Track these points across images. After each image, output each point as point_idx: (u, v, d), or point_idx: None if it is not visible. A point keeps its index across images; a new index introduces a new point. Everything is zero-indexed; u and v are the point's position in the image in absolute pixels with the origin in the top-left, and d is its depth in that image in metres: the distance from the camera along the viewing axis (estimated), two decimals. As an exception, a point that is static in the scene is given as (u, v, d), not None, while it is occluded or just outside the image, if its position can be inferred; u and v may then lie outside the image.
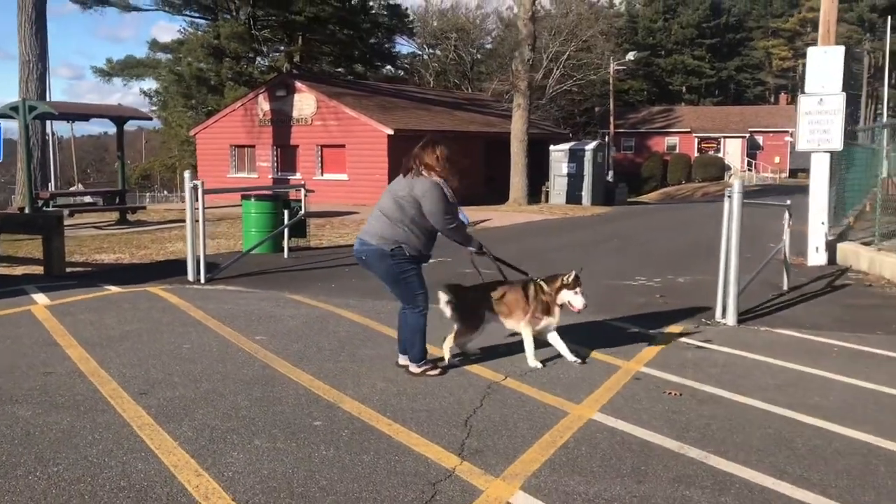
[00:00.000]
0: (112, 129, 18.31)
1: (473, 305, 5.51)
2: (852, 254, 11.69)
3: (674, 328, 7.20)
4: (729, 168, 54.85)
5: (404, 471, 3.79)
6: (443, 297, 5.46)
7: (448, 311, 5.47)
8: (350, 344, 6.36)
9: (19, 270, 10.61)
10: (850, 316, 7.97)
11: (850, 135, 12.77)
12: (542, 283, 5.56)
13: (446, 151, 5.24)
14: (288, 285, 9.29)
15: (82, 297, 8.30)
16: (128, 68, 40.68)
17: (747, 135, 55.56)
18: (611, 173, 41.43)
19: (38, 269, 10.39)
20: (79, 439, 4.15)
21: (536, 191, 29.01)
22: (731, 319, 7.47)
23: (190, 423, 4.41)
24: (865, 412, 4.78)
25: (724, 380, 5.43)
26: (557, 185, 28.98)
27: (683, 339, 6.73)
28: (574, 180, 28.65)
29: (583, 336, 6.39)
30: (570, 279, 5.50)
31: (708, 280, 9.07)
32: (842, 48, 11.75)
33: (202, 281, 9.46)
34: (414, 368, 5.39)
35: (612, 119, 47.99)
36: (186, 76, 38.75)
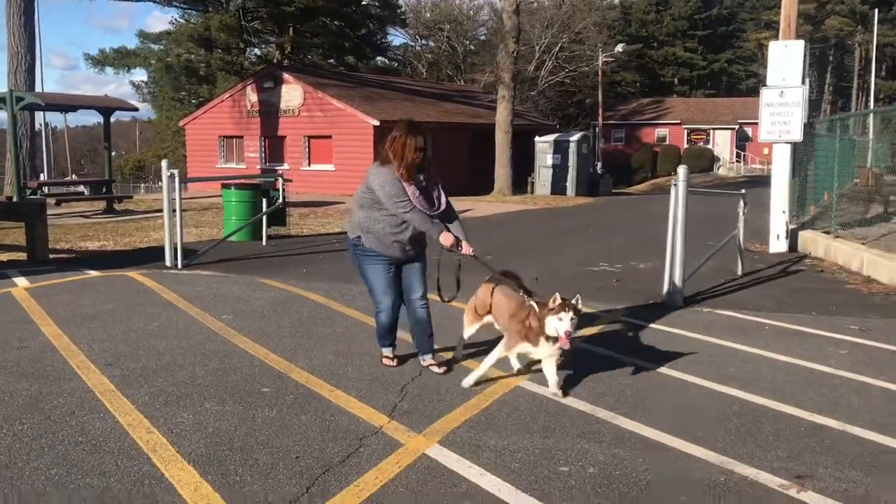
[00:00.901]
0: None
1: (479, 294, 5.27)
2: (811, 241, 12.11)
3: (621, 308, 7.61)
4: (718, 159, 55.25)
5: (336, 428, 4.20)
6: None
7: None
8: (310, 322, 6.76)
9: (4, 257, 10.97)
10: (793, 299, 8.38)
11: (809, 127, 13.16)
12: (535, 305, 4.75)
13: (399, 136, 4.91)
14: (261, 271, 9.67)
15: (62, 281, 8.68)
16: (120, 58, 40.89)
17: (737, 126, 55.95)
18: (599, 164, 41.90)
19: (23, 256, 10.76)
20: (44, 403, 4.55)
21: (523, 182, 29.38)
22: (676, 301, 7.88)
23: (148, 390, 4.81)
24: (773, 381, 5.19)
25: (651, 354, 5.83)
26: (542, 176, 29.32)
27: (625, 318, 7.14)
28: (559, 171, 29.00)
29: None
30: (556, 304, 4.55)
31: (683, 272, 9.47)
32: (801, 42, 12.14)
33: (179, 266, 9.83)
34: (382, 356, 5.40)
35: (600, 110, 48.34)
36: (176, 67, 39.00)
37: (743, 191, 10.37)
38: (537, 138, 29.45)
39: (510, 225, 17.14)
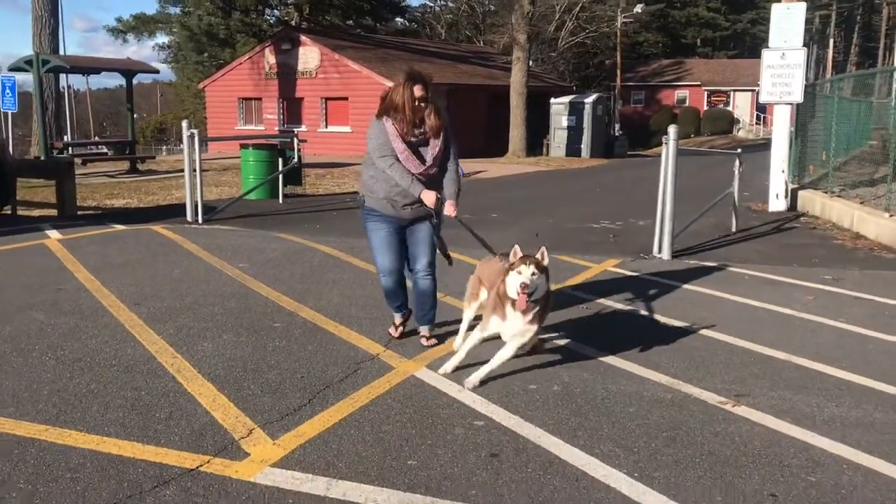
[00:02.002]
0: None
1: (475, 280, 4.85)
2: (809, 201, 12.47)
3: (611, 261, 8.10)
4: (738, 122, 54.91)
5: (338, 355, 4.76)
6: None
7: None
8: (320, 270, 7.32)
9: (36, 213, 11.61)
10: (779, 252, 8.82)
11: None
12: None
13: (397, 86, 4.62)
14: (277, 226, 10.24)
15: (91, 233, 9.30)
16: (140, 25, 41.30)
17: (757, 88, 55.37)
18: (617, 126, 41.92)
19: (53, 212, 11.39)
20: (81, 334, 5.15)
21: (538, 143, 29.67)
22: (665, 254, 8.36)
23: (173, 324, 5.40)
24: (737, 321, 5.69)
25: (630, 299, 6.34)
26: (557, 137, 29.59)
27: (614, 269, 7.64)
28: (574, 133, 29.25)
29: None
30: (517, 258, 4.04)
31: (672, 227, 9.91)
32: (803, 4, 12.37)
33: (199, 221, 10.43)
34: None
35: (618, 72, 48.14)
36: (197, 30, 39.38)
37: (739, 150, 10.74)
38: (552, 100, 29.64)
39: (521, 185, 17.57)
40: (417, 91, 4.53)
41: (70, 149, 18.66)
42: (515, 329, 4.12)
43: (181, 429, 3.68)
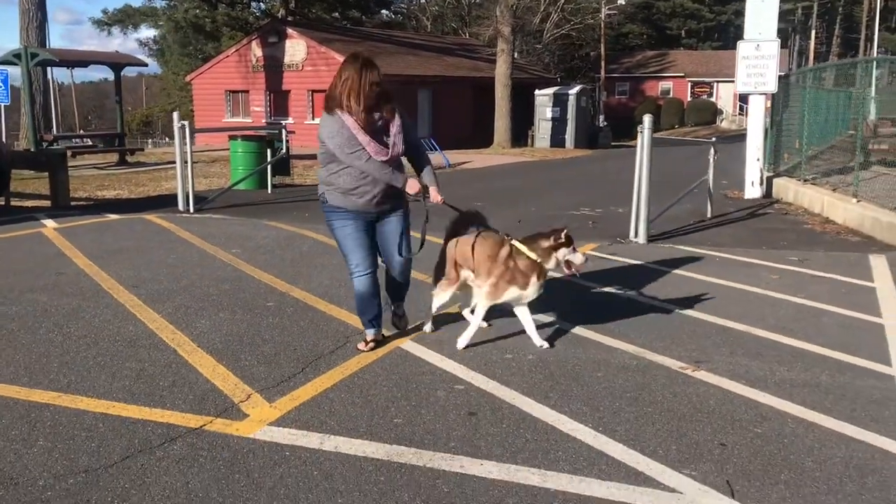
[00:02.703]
0: (111, 76, 19.28)
1: (444, 257, 4.85)
2: (783, 188, 12.87)
3: (590, 245, 8.44)
4: (721, 112, 55.40)
5: (328, 330, 5.08)
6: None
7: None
8: (309, 256, 7.63)
9: (28, 204, 11.84)
10: (751, 236, 9.20)
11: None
12: (518, 244, 4.54)
13: (349, 74, 4.34)
14: (267, 214, 10.53)
15: (85, 222, 9.56)
16: (125, 17, 41.29)
17: (740, 79, 55.81)
18: (601, 118, 42.30)
19: (46, 203, 11.62)
20: (85, 314, 5.45)
21: (523, 134, 30.02)
22: (641, 238, 8.72)
23: (171, 304, 5.70)
24: (706, 298, 6.04)
25: (605, 279, 6.68)
26: (542, 128, 29.96)
27: (592, 252, 7.97)
28: (558, 124, 29.62)
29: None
30: (565, 236, 4.50)
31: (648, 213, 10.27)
32: (776, -3, 12.73)
33: (191, 210, 10.69)
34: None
35: (602, 63, 48.55)
36: (183, 23, 39.42)
37: (714, 139, 11.09)
38: (537, 91, 30.00)
39: (505, 175, 17.89)
40: (374, 77, 4.30)
41: (59, 141, 18.80)
42: (533, 296, 4.61)
43: (184, 395, 3.99)
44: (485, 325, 4.87)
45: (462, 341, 4.66)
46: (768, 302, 5.95)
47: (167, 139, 51.78)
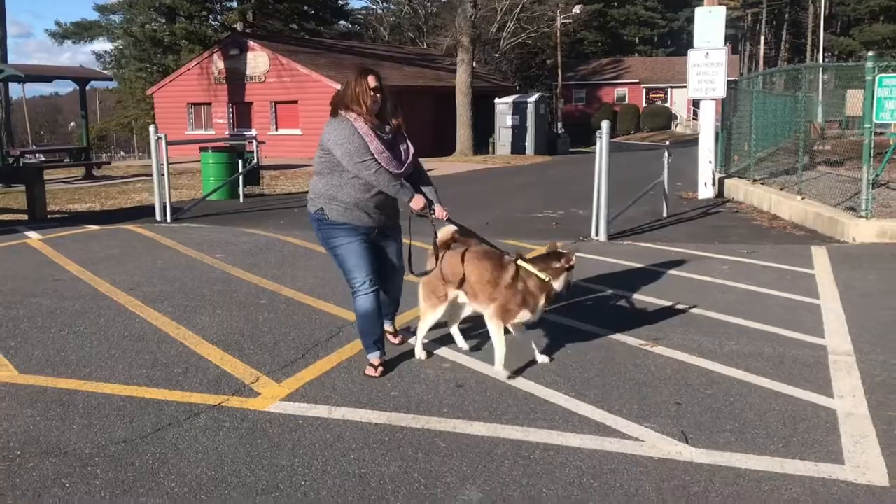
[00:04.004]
0: (64, 90, 19.46)
1: (432, 280, 4.57)
2: (734, 187, 13.60)
3: (557, 243, 8.98)
4: (676, 117, 56.72)
5: (321, 321, 5.54)
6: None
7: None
8: (291, 258, 8.05)
9: (4, 217, 12.05)
10: (703, 233, 9.84)
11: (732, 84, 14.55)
12: (527, 265, 4.38)
13: (351, 80, 4.35)
14: (243, 222, 10.91)
15: (68, 233, 9.85)
16: (81, 30, 41.08)
17: (692, 85, 57.18)
18: (559, 125, 43.21)
19: (22, 217, 11.84)
20: (90, 314, 5.82)
21: (484, 142, 30.64)
22: (602, 237, 9.30)
23: (169, 304, 6.10)
24: (660, 286, 6.61)
25: (571, 272, 7.21)
26: (503, 136, 30.60)
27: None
28: (518, 132, 30.28)
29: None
30: (574, 261, 4.45)
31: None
32: (723, 8, 13.51)
33: (168, 220, 11.03)
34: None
35: (559, 71, 49.48)
36: (140, 37, 39.38)
37: (668, 142, 11.76)
38: (497, 100, 30.64)
39: (469, 182, 18.45)
40: (372, 81, 4.27)
41: (25, 156, 18.87)
42: (537, 317, 4.50)
43: (199, 379, 4.42)
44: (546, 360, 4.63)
45: (498, 367, 4.38)
46: (719, 289, 6.54)
47: (122, 153, 51.42)
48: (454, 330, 4.90)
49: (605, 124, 9.32)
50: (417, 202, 4.38)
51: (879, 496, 3.05)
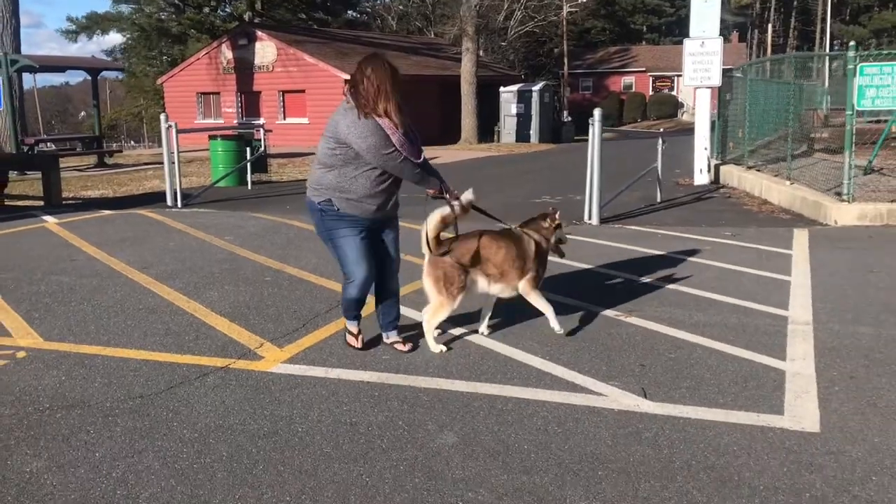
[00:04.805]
0: (74, 80, 19.90)
1: (448, 270, 4.56)
2: (728, 174, 13.93)
3: (548, 226, 9.36)
4: (682, 105, 56.75)
5: (322, 296, 5.95)
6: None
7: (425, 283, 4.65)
8: (296, 240, 8.47)
9: (21, 203, 12.51)
10: (693, 217, 10.19)
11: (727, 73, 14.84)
12: (528, 231, 4.83)
13: (377, 73, 4.21)
14: (250, 207, 11.33)
15: (83, 217, 10.30)
16: (92, 24, 41.55)
17: (699, 73, 57.19)
18: (565, 113, 43.41)
19: (38, 203, 12.31)
20: (106, 290, 6.25)
21: (489, 131, 30.98)
22: (594, 220, 9.67)
23: (180, 280, 6.52)
24: (644, 265, 6.98)
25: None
26: (507, 125, 30.93)
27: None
28: (523, 120, 30.60)
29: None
30: (558, 215, 4.91)
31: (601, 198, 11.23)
32: (718, -2, 13.77)
33: (179, 206, 11.46)
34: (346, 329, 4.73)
35: (565, 60, 49.70)
36: (148, 28, 39.82)
37: (662, 129, 12.09)
38: (502, 89, 30.94)
39: (472, 169, 18.81)
40: (399, 79, 4.26)
41: (40, 144, 19.34)
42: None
43: (208, 345, 4.84)
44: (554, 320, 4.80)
45: (555, 326, 4.74)
46: (699, 267, 6.91)
47: (133, 143, 51.98)
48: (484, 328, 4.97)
49: (597, 112, 9.68)
50: (434, 187, 4.54)
51: (808, 440, 3.44)
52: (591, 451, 3.36)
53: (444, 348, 4.66)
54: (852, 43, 9.27)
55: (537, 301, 4.77)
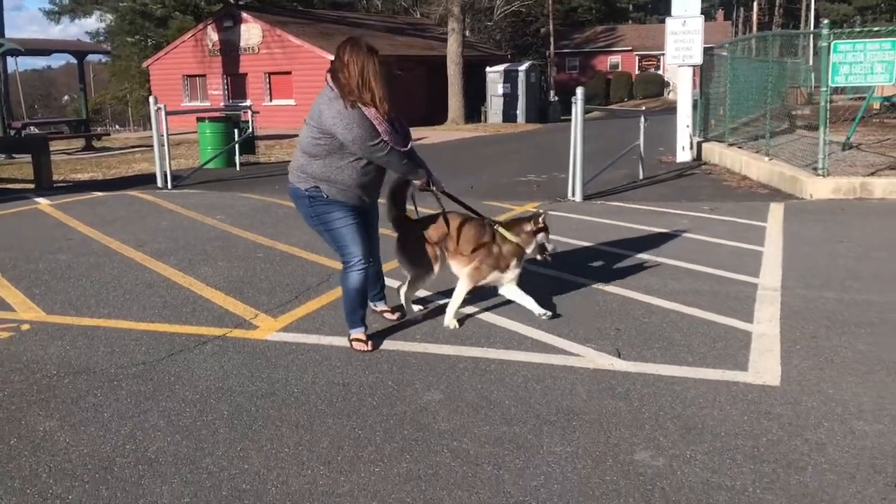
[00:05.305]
0: (56, 63, 19.90)
1: (420, 243, 4.69)
2: (710, 151, 14.19)
3: (532, 204, 9.61)
4: (668, 84, 56.89)
5: (312, 270, 6.18)
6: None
7: (398, 255, 4.78)
8: (286, 219, 8.67)
9: (10, 186, 12.62)
10: (674, 193, 10.45)
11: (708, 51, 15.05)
12: (500, 229, 4.69)
13: (360, 60, 4.09)
14: (240, 188, 11.51)
15: (75, 199, 10.45)
16: (75, 6, 41.27)
17: (684, 52, 57.38)
18: (552, 93, 43.52)
19: (28, 185, 12.42)
20: (104, 267, 6.45)
21: (476, 111, 31.12)
22: (577, 197, 9.92)
23: (174, 258, 6.73)
24: (623, 238, 7.23)
25: (543, 227, 7.84)
26: (494, 105, 31.08)
27: (535, 209, 9.14)
28: (510, 100, 30.75)
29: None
30: (543, 220, 4.74)
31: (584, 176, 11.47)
32: (698, -23, 13.97)
33: (169, 187, 11.62)
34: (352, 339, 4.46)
35: (551, 39, 49.69)
36: (127, 11, 39.59)
37: (643, 108, 12.32)
38: (488, 69, 31.06)
39: (459, 149, 19.00)
40: (379, 64, 4.13)
41: (27, 128, 19.39)
42: (511, 279, 4.76)
43: (205, 316, 5.06)
44: (544, 314, 4.79)
45: (448, 320, 4.70)
46: (676, 239, 7.18)
47: (117, 126, 51.67)
48: (407, 296, 4.94)
49: (579, 91, 9.90)
50: (422, 177, 4.44)
51: (768, 392, 3.71)
52: (567, 404, 3.62)
53: (420, 307, 4.96)
54: (826, 21, 9.51)
55: (459, 290, 4.71)
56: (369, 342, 4.42)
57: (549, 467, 3.06)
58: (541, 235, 4.73)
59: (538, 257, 4.84)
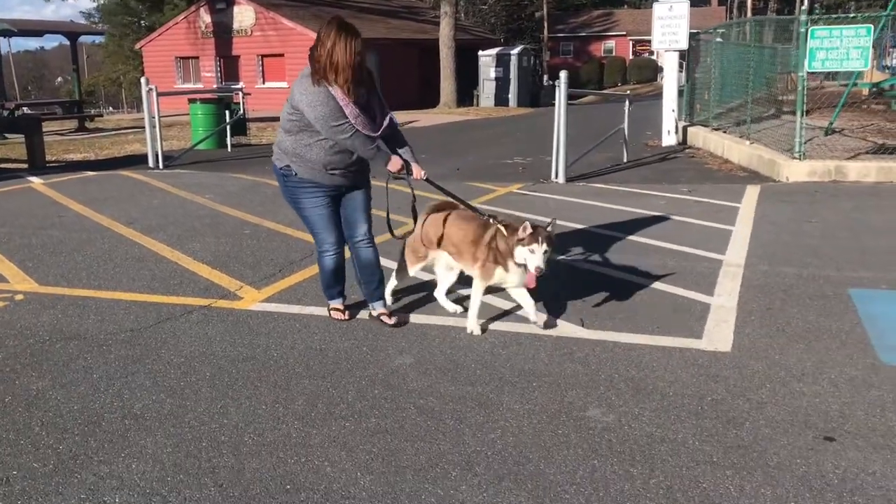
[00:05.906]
0: (49, 45, 19.97)
1: (415, 241, 4.68)
2: (694, 135, 14.40)
3: (517, 185, 9.83)
4: (661, 69, 56.93)
5: (297, 247, 6.39)
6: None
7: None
8: (273, 198, 8.86)
9: (3, 166, 12.78)
10: (655, 175, 10.67)
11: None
12: (501, 227, 4.34)
13: (332, 42, 4.03)
14: (230, 168, 11.69)
15: (67, 178, 10.63)
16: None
17: (679, 37, 57.44)
18: (545, 77, 43.66)
19: (21, 165, 12.58)
20: (96, 242, 6.66)
21: (468, 95, 31.22)
22: (561, 179, 10.14)
23: (164, 234, 6.94)
24: (602, 218, 7.46)
25: (523, 208, 8.07)
26: (486, 88, 31.18)
27: (518, 191, 9.37)
28: (502, 84, 30.85)
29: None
30: (527, 234, 4.11)
31: (568, 158, 11.68)
32: (685, -37, 14.12)
33: (161, 167, 11.80)
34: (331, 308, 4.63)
35: (545, 24, 49.72)
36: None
37: (628, 91, 12.51)
38: (481, 52, 31.13)
39: (449, 132, 19.18)
40: (358, 46, 4.03)
41: (20, 109, 19.49)
42: (518, 281, 4.31)
43: (192, 287, 5.28)
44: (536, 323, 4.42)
45: (471, 325, 4.39)
46: (651, 219, 7.40)
47: (111, 108, 51.66)
48: (440, 295, 4.84)
49: (562, 74, 10.10)
50: (395, 164, 4.24)
51: (719, 358, 3.95)
52: (529, 368, 3.86)
53: (459, 307, 4.69)
54: (804, 6, 9.71)
55: (474, 292, 4.47)
56: (346, 311, 4.63)
57: (507, 422, 3.30)
58: (528, 250, 4.11)
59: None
